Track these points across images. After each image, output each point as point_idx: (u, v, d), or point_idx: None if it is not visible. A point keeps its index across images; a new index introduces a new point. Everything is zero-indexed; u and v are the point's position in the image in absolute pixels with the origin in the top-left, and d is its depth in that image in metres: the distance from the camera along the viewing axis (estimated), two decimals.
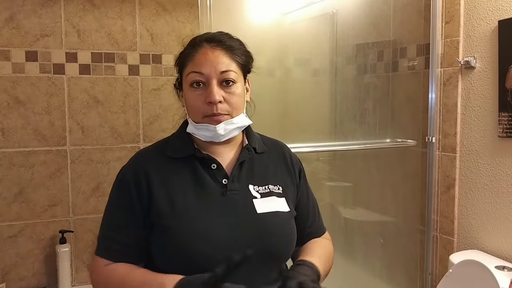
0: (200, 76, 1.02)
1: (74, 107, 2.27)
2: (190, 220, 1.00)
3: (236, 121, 1.05)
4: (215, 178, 1.05)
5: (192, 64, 1.03)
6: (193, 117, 1.06)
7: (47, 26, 2.21)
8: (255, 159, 1.12)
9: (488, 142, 1.92)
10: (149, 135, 2.40)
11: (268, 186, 1.09)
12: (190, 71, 1.03)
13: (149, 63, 2.41)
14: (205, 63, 1.02)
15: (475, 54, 1.95)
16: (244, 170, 1.08)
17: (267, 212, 1.04)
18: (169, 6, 2.41)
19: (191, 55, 1.05)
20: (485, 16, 1.89)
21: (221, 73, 1.02)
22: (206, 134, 1.05)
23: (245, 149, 1.11)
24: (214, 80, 1.01)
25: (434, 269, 2.17)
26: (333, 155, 2.31)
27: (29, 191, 2.22)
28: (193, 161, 1.06)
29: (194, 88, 1.03)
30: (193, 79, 1.03)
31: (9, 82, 2.17)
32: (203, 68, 1.02)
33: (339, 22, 2.34)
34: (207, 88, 1.02)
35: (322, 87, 2.34)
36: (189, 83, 1.04)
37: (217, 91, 1.01)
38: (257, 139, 1.15)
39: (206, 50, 1.04)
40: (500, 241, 1.88)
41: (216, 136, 1.04)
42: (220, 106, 1.02)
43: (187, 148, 1.07)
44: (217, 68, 1.02)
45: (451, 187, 2.07)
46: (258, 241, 1.01)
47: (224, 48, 1.04)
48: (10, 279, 2.20)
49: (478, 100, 1.95)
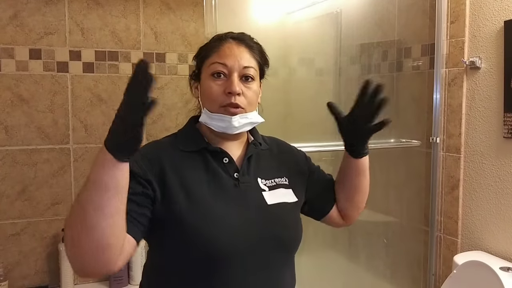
0: (223, 67, 1.06)
1: (78, 105, 2.27)
2: (207, 207, 1.01)
3: (250, 116, 1.09)
4: (227, 171, 1.08)
5: (217, 55, 1.07)
6: (209, 106, 1.08)
7: (51, 24, 2.21)
8: (261, 154, 1.16)
9: (493, 143, 1.91)
10: (152, 134, 2.40)
11: (274, 179, 1.14)
12: (214, 61, 1.07)
13: (153, 62, 2.40)
14: (230, 56, 1.07)
15: (481, 55, 1.94)
16: (252, 164, 1.12)
17: (276, 203, 1.09)
18: (173, 4, 2.41)
19: (217, 46, 1.09)
20: (490, 16, 1.88)
21: (243, 68, 1.07)
22: (220, 125, 1.07)
23: (252, 145, 1.15)
24: (236, 73, 1.06)
25: (437, 270, 2.16)
26: (336, 155, 2.30)
27: (32, 189, 2.22)
28: (205, 155, 1.08)
29: (214, 78, 1.07)
30: (215, 69, 1.06)
31: (13, 80, 2.17)
32: (228, 60, 1.06)
33: (343, 22, 2.33)
34: (227, 80, 1.06)
35: (326, 87, 2.33)
36: (210, 73, 1.07)
37: (237, 83, 1.05)
38: (260, 137, 1.21)
39: (232, 45, 1.09)
40: (504, 242, 1.87)
41: (229, 127, 1.06)
42: (238, 98, 1.05)
43: (198, 142, 1.10)
44: (241, 63, 1.07)
45: (455, 188, 2.06)
46: (270, 231, 1.04)
47: (248, 46, 1.10)
48: (12, 277, 2.20)
49: (483, 100, 1.94)
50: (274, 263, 1.06)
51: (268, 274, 1.04)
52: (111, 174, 0.80)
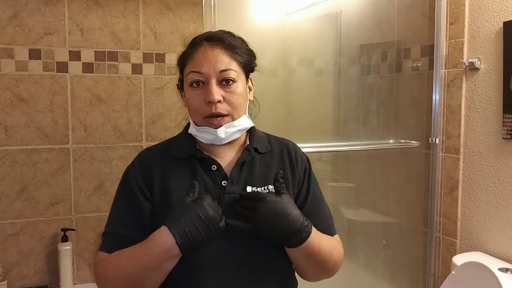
0: (199, 75, 1.01)
1: (77, 105, 2.27)
2: None
3: (238, 124, 1.04)
4: (215, 179, 1.04)
5: (192, 64, 1.03)
6: (194, 118, 1.05)
7: (50, 24, 2.21)
8: (257, 159, 1.10)
9: (492, 144, 1.91)
10: (152, 134, 2.40)
11: (268, 186, 1.06)
12: (190, 71, 1.03)
13: (152, 62, 2.40)
14: (204, 62, 1.01)
15: (480, 56, 1.94)
16: (244, 171, 1.07)
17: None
18: (173, 5, 2.41)
19: (191, 54, 1.04)
20: (490, 17, 1.89)
21: (220, 72, 1.01)
22: (207, 137, 1.04)
23: (246, 150, 1.09)
24: (213, 79, 1.01)
25: (436, 270, 2.16)
26: (336, 155, 2.31)
27: (31, 189, 2.23)
28: (194, 162, 1.06)
29: (193, 88, 1.02)
30: (192, 78, 1.02)
31: (13, 80, 2.17)
32: (202, 68, 1.01)
33: (343, 23, 2.33)
34: (206, 88, 1.01)
35: (325, 88, 2.33)
36: (189, 83, 1.03)
37: (216, 90, 1.00)
38: (261, 139, 1.13)
39: (206, 49, 1.03)
40: (503, 243, 1.87)
41: (217, 139, 1.03)
42: (219, 105, 1.01)
43: (189, 148, 1.07)
44: (216, 67, 1.01)
45: (454, 189, 2.06)
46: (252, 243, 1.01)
47: (224, 46, 1.03)
48: (12, 277, 2.20)
49: (482, 101, 1.94)
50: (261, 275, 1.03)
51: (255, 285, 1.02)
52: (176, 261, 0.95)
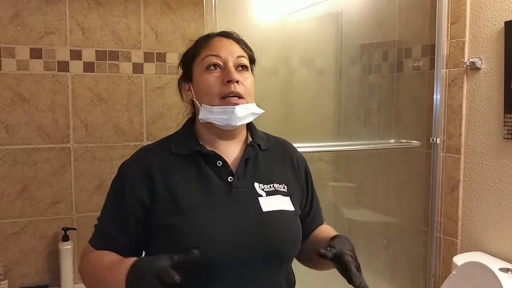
0: (218, 58, 1.05)
1: (78, 104, 2.27)
2: (194, 218, 0.97)
3: (251, 107, 1.06)
4: (221, 175, 1.04)
5: (209, 49, 1.07)
6: (209, 100, 1.04)
7: (51, 24, 2.21)
8: (260, 156, 1.10)
9: (493, 144, 1.91)
10: (153, 134, 2.40)
11: (274, 184, 1.07)
12: (208, 54, 1.06)
13: (153, 62, 2.40)
14: (221, 48, 1.06)
15: (481, 55, 1.94)
16: (249, 167, 1.07)
17: (273, 211, 1.02)
18: (174, 4, 2.41)
19: (206, 42, 1.09)
20: (491, 17, 1.88)
21: (237, 58, 1.06)
22: (223, 117, 1.02)
23: (250, 146, 1.09)
24: (231, 62, 1.05)
25: (437, 270, 2.16)
26: (337, 155, 2.31)
27: (32, 189, 2.23)
28: (197, 158, 1.05)
29: (211, 70, 1.05)
30: (210, 61, 1.05)
31: (14, 79, 2.17)
32: (220, 52, 1.05)
33: (344, 22, 2.33)
34: (224, 70, 1.04)
35: (326, 87, 2.33)
36: (205, 67, 1.05)
37: (234, 71, 1.04)
38: (261, 137, 1.15)
39: (221, 38, 1.10)
40: (504, 243, 1.87)
41: (233, 118, 1.02)
42: (237, 86, 1.03)
43: (192, 144, 1.06)
44: (233, 53, 1.06)
45: (455, 189, 2.06)
46: (263, 241, 0.99)
47: (236, 40, 1.11)
48: (12, 276, 2.20)
49: (483, 101, 1.94)
50: (265, 274, 1.01)
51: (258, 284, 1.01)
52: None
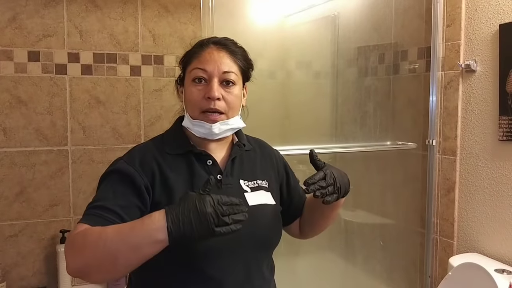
0: (203, 72, 1.08)
1: (76, 107, 2.28)
2: None
3: (231, 122, 1.12)
4: (210, 173, 1.10)
5: (198, 61, 1.10)
6: (191, 111, 1.11)
7: (49, 27, 2.22)
8: (244, 155, 1.19)
9: (488, 146, 1.92)
10: (150, 136, 2.38)
11: (257, 181, 1.16)
12: (195, 67, 1.09)
13: (151, 64, 2.41)
14: (209, 61, 1.09)
15: (476, 58, 1.95)
16: (235, 166, 1.15)
17: (258, 205, 1.11)
18: (171, 7, 2.42)
19: (197, 52, 1.12)
20: (486, 20, 1.90)
21: (223, 73, 1.09)
22: (200, 131, 1.10)
23: (236, 146, 1.17)
24: (216, 78, 1.08)
25: (433, 271, 2.17)
26: (333, 157, 2.32)
27: (30, 191, 2.23)
28: (189, 157, 1.11)
29: (195, 83, 1.09)
30: (196, 75, 1.09)
31: (11, 82, 2.18)
32: (207, 66, 1.08)
33: (340, 25, 2.34)
34: (208, 85, 1.08)
35: (323, 90, 2.34)
36: (191, 79, 1.10)
37: (217, 88, 1.07)
38: (244, 138, 1.23)
39: (212, 50, 1.11)
40: (499, 244, 1.88)
41: (210, 134, 1.09)
42: (217, 103, 1.08)
43: (184, 144, 1.12)
44: (220, 68, 1.08)
45: (451, 190, 2.07)
46: (251, 230, 1.06)
47: (229, 51, 1.12)
48: (10, 279, 2.20)
49: (479, 103, 1.95)
50: (252, 260, 1.10)
51: (246, 270, 1.08)
52: (157, 250, 0.87)
